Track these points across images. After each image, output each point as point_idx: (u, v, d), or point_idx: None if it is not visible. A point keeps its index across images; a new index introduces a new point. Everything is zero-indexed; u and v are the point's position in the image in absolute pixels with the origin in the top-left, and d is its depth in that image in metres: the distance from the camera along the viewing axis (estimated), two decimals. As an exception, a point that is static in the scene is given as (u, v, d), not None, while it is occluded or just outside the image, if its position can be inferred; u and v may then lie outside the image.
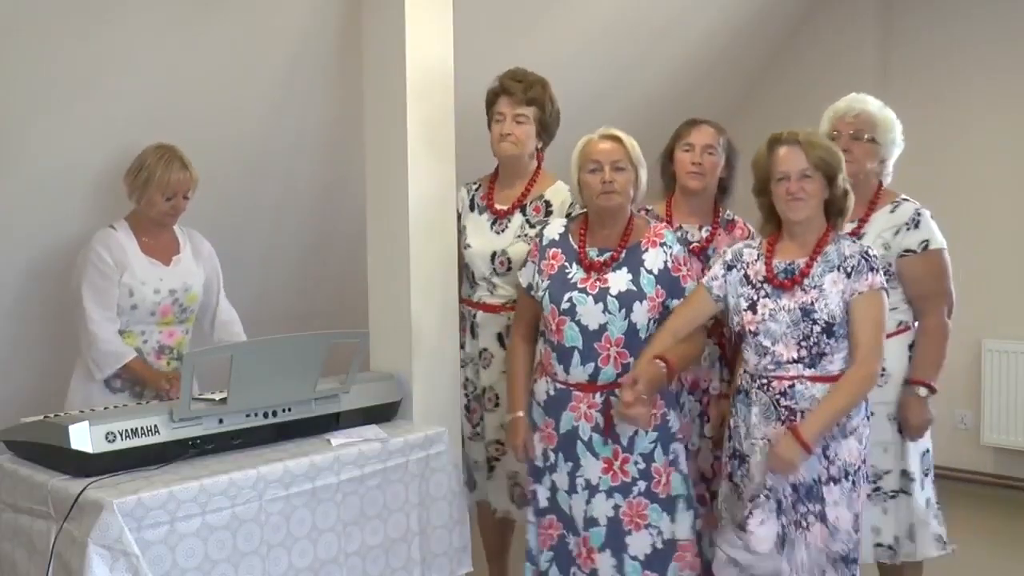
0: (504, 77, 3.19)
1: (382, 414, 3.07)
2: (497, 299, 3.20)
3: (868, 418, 2.70)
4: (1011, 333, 4.65)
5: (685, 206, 3.16)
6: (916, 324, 2.99)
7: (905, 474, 2.94)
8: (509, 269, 3.16)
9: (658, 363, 2.70)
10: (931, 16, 5.04)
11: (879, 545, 2.95)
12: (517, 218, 3.20)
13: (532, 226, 3.16)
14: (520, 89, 3.14)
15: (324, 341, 2.78)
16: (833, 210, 2.70)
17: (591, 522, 2.80)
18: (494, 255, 3.18)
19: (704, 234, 3.14)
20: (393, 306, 3.21)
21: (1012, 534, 4.18)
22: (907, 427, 2.92)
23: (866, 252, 2.66)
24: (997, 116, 4.82)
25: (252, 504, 2.54)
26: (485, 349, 3.22)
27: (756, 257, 2.74)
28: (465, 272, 3.28)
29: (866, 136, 2.98)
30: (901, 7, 5.16)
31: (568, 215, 3.11)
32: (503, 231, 3.20)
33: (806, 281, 2.64)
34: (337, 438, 2.84)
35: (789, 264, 2.69)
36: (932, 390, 2.93)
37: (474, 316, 3.25)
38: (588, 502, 2.80)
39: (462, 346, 3.28)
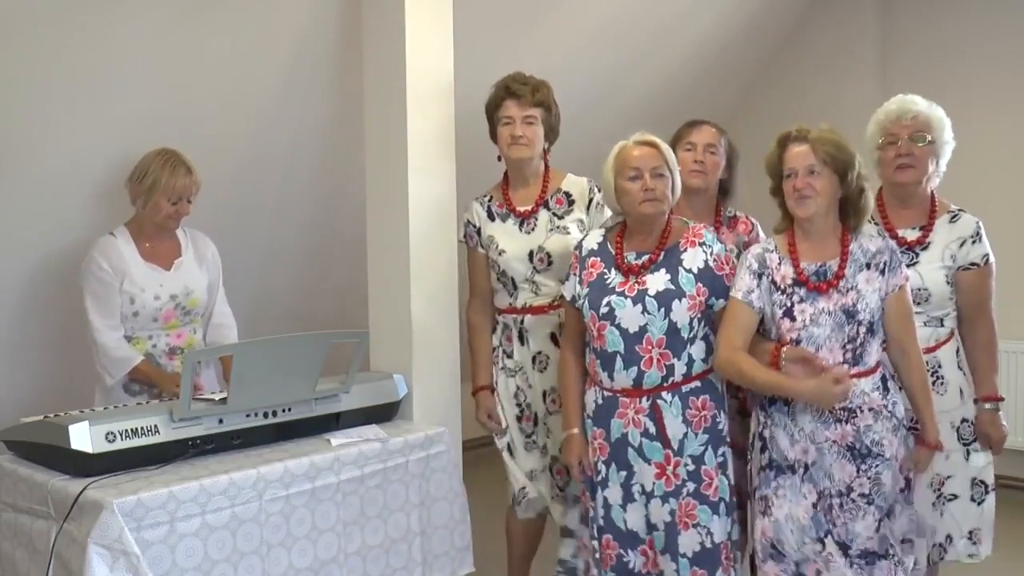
0: (508, 81, 3.18)
1: (382, 414, 3.07)
2: (543, 299, 3.15)
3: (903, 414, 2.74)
4: (1011, 333, 4.63)
5: (687, 207, 3.14)
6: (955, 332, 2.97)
7: (978, 481, 2.96)
8: (550, 265, 3.13)
9: (787, 347, 2.63)
10: (930, 16, 5.04)
11: (934, 545, 2.94)
12: (543, 214, 3.19)
13: (559, 217, 3.16)
14: (528, 91, 3.13)
15: (324, 341, 2.78)
16: (849, 209, 2.67)
17: (653, 527, 2.77)
18: (531, 254, 3.16)
19: None
20: (393, 306, 3.21)
21: (1012, 534, 4.17)
22: (991, 443, 2.94)
23: (891, 245, 2.68)
24: (996, 116, 4.82)
25: (252, 504, 2.54)
26: (539, 352, 3.17)
27: (779, 261, 2.70)
28: (502, 281, 3.22)
29: (927, 138, 2.89)
30: (901, 7, 5.16)
31: (589, 203, 3.12)
32: (533, 230, 3.19)
33: (842, 283, 2.62)
34: (337, 438, 2.84)
35: (820, 266, 2.66)
36: (1001, 400, 2.97)
37: (521, 322, 3.19)
38: (647, 506, 2.78)
39: (510, 356, 3.22)
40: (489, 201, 3.27)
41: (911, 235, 2.91)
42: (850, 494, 2.62)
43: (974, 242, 2.92)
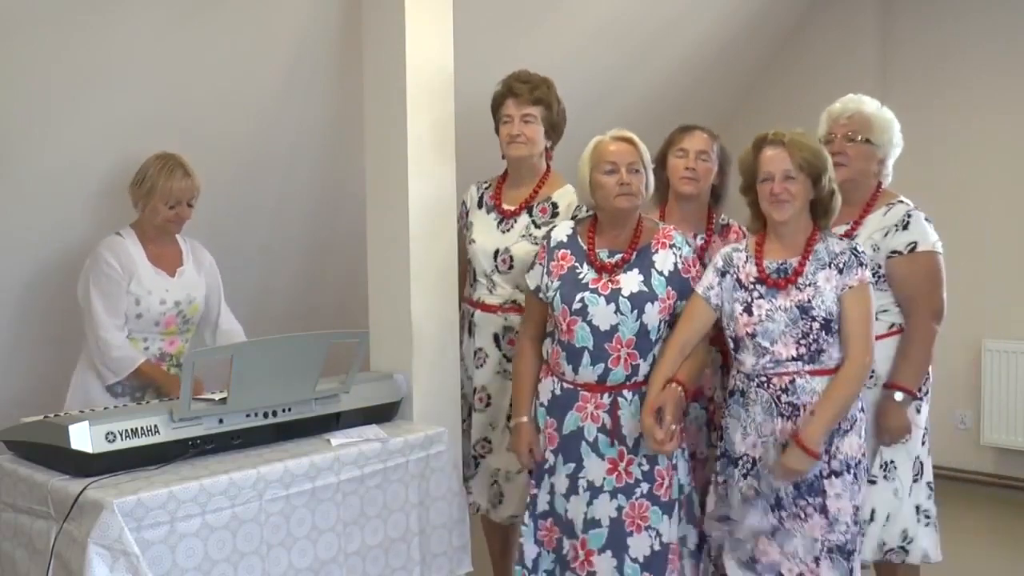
0: (509, 79, 3.19)
1: (382, 414, 3.07)
2: (496, 299, 3.20)
3: (863, 411, 2.72)
4: (1011, 333, 4.64)
5: (678, 213, 3.15)
6: None
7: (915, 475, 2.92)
8: (511, 268, 3.16)
9: (676, 387, 2.70)
10: (930, 17, 5.04)
11: (890, 550, 2.93)
12: (523, 219, 3.20)
13: (538, 227, 3.17)
14: (526, 89, 3.14)
15: (324, 341, 2.78)
16: (819, 210, 2.71)
17: (592, 524, 2.79)
18: (497, 252, 3.19)
19: (699, 242, 3.13)
20: (393, 306, 3.21)
21: (1012, 534, 4.18)
22: (883, 432, 2.87)
23: (855, 248, 2.69)
24: (996, 116, 4.82)
25: (252, 504, 2.54)
26: (480, 348, 3.23)
27: (745, 259, 2.75)
28: (468, 269, 3.29)
29: (860, 137, 2.95)
30: (900, 8, 5.16)
31: (573, 217, 3.10)
32: (508, 230, 3.20)
33: (800, 280, 2.66)
34: (337, 438, 2.84)
35: (781, 264, 2.70)
36: (912, 395, 2.88)
37: (472, 315, 3.26)
38: (590, 503, 2.79)
39: (461, 343, 3.29)
40: (485, 188, 3.31)
41: (839, 230, 2.89)
42: (792, 499, 2.63)
43: (898, 230, 2.91)
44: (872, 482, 2.88)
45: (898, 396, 2.86)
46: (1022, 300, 4.62)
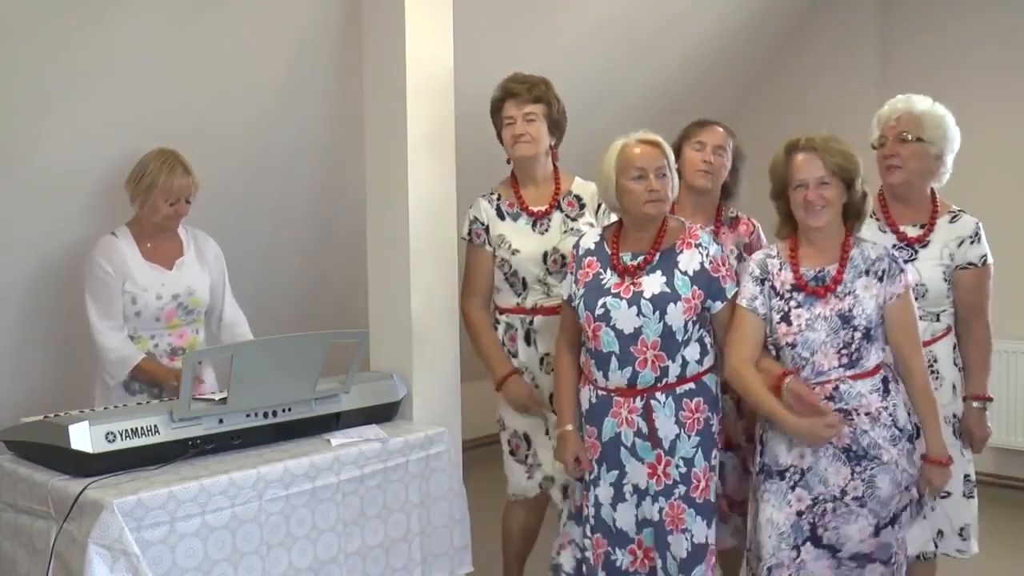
0: (505, 83, 3.18)
1: (382, 414, 3.07)
2: (554, 300, 3.12)
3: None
4: (1011, 333, 4.64)
5: (689, 206, 3.13)
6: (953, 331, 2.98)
7: (967, 478, 2.94)
8: (563, 266, 3.11)
9: (788, 378, 2.63)
10: (930, 17, 5.04)
11: (926, 541, 2.94)
12: (556, 216, 3.19)
13: (572, 220, 3.17)
14: (524, 89, 3.14)
15: (324, 341, 2.78)
16: (851, 213, 2.68)
17: (644, 523, 2.78)
18: (546, 255, 3.16)
19: None
20: (393, 306, 3.21)
21: (1012, 534, 4.18)
22: (973, 440, 2.94)
23: (892, 254, 2.68)
24: (996, 116, 4.81)
25: (252, 504, 2.54)
26: (548, 353, 3.15)
27: (780, 266, 2.71)
28: (510, 281, 3.21)
29: (911, 136, 2.90)
30: (901, 7, 5.16)
31: (598, 208, 3.11)
32: (547, 230, 3.19)
33: (839, 288, 2.63)
34: (337, 438, 2.84)
35: (819, 271, 2.66)
36: (988, 400, 2.96)
37: (530, 322, 3.19)
38: (638, 506, 2.78)
39: (514, 356, 3.20)
40: (498, 199, 3.25)
41: (913, 232, 2.93)
42: (843, 498, 2.62)
43: (972, 242, 2.94)
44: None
45: (977, 404, 2.94)
46: (1022, 300, 4.63)
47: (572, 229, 3.16)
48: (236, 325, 3.39)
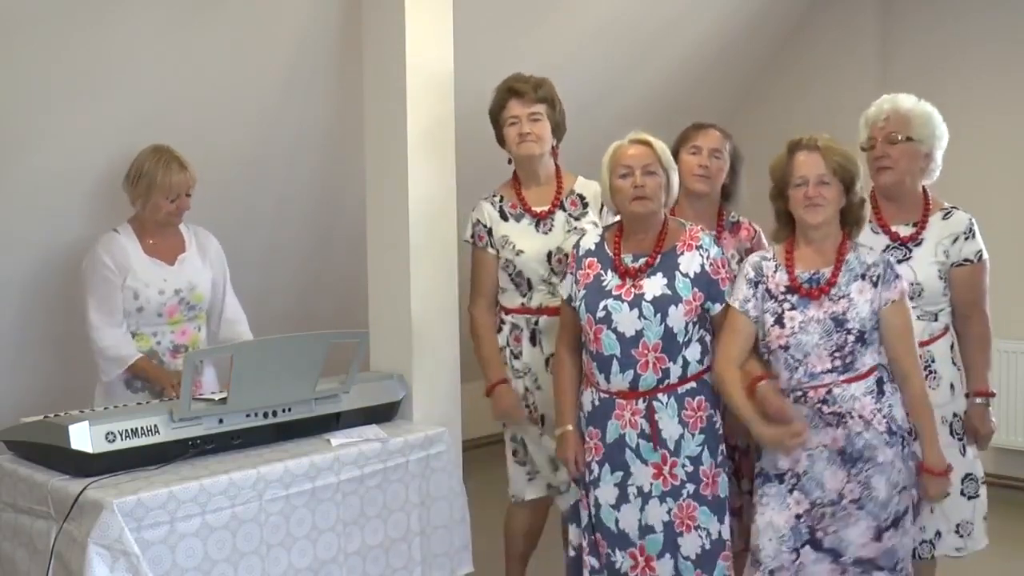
0: (510, 82, 3.17)
1: (382, 414, 3.07)
2: (559, 300, 3.12)
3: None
4: (1011, 333, 4.64)
5: (689, 211, 3.12)
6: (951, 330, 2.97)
7: (970, 477, 2.93)
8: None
9: (763, 383, 2.64)
10: (930, 16, 5.04)
11: (922, 541, 2.93)
12: (559, 216, 3.19)
13: (576, 219, 3.17)
14: (530, 88, 3.13)
15: (324, 341, 2.78)
16: (849, 219, 2.68)
17: (647, 530, 2.76)
18: (550, 255, 3.16)
19: None
20: (393, 306, 3.21)
21: (1012, 534, 4.17)
22: (978, 437, 2.94)
23: (888, 260, 2.68)
24: (996, 116, 4.81)
25: (252, 504, 2.54)
26: (553, 354, 3.11)
27: (775, 268, 2.71)
28: (515, 282, 3.21)
29: (901, 136, 2.90)
30: (901, 7, 5.15)
31: (601, 207, 3.11)
32: (550, 230, 3.18)
33: (833, 291, 2.63)
34: (337, 438, 2.84)
35: (814, 274, 2.66)
36: (991, 396, 2.96)
37: (535, 323, 3.18)
38: (642, 509, 2.77)
39: (517, 356, 3.20)
40: (500, 201, 3.24)
41: (905, 231, 2.92)
42: (841, 501, 2.62)
43: (967, 238, 2.93)
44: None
45: (980, 400, 2.93)
46: (1022, 300, 4.63)
47: (575, 228, 3.16)
48: (236, 323, 3.39)
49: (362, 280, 3.34)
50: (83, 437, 2.41)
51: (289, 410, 2.80)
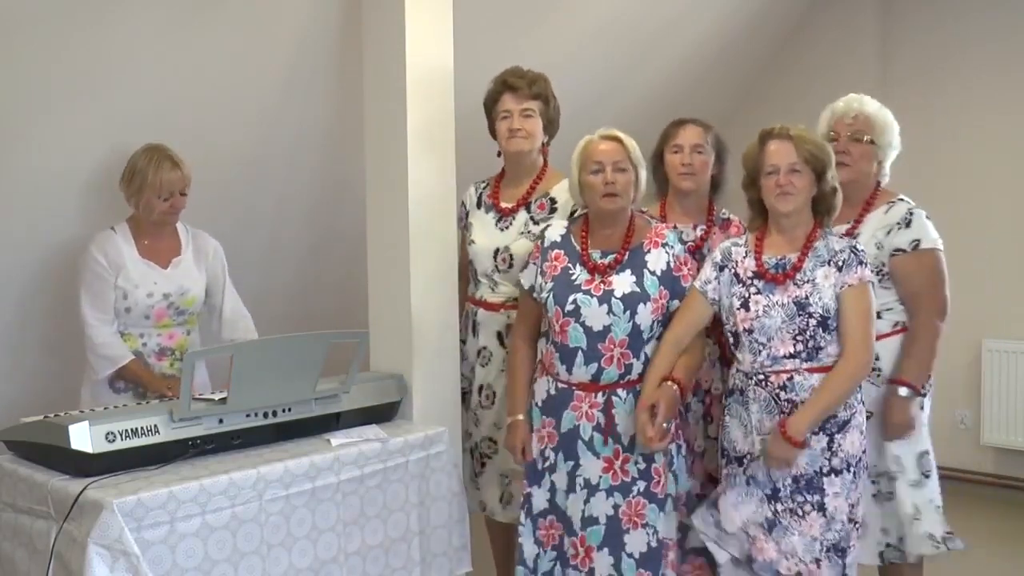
0: (504, 75, 3.19)
1: (382, 414, 3.07)
2: (497, 297, 3.20)
3: (865, 407, 2.73)
4: (1011, 333, 4.64)
5: (679, 207, 3.18)
6: None
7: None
8: (511, 266, 3.15)
9: (671, 385, 2.71)
10: (930, 17, 5.04)
11: (888, 545, 2.95)
12: (521, 215, 3.20)
13: (536, 223, 3.16)
14: (524, 83, 3.15)
15: (324, 341, 2.78)
16: (821, 207, 2.72)
17: (589, 521, 2.80)
18: (497, 252, 3.19)
19: (699, 233, 3.14)
20: (393, 306, 3.21)
21: (1012, 534, 4.18)
22: (887, 427, 2.88)
23: (854, 246, 2.69)
24: (996, 116, 4.82)
25: (252, 504, 2.54)
26: (484, 347, 3.22)
27: (745, 254, 2.76)
28: (470, 269, 3.29)
29: (865, 138, 2.96)
30: (901, 7, 5.16)
31: (572, 213, 3.10)
32: (507, 228, 3.20)
33: (798, 275, 2.66)
34: (337, 438, 2.84)
35: (780, 259, 2.70)
36: (916, 391, 2.88)
37: (475, 314, 3.26)
38: (587, 501, 2.80)
39: (464, 342, 3.29)
40: (484, 188, 3.31)
41: (840, 229, 2.90)
42: (794, 485, 2.63)
43: (901, 228, 2.92)
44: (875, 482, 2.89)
45: (902, 391, 2.87)
46: (1022, 300, 4.62)
47: (530, 232, 3.15)
48: (236, 321, 3.37)
49: (362, 280, 3.34)
50: (83, 437, 2.41)
51: (289, 410, 2.80)
